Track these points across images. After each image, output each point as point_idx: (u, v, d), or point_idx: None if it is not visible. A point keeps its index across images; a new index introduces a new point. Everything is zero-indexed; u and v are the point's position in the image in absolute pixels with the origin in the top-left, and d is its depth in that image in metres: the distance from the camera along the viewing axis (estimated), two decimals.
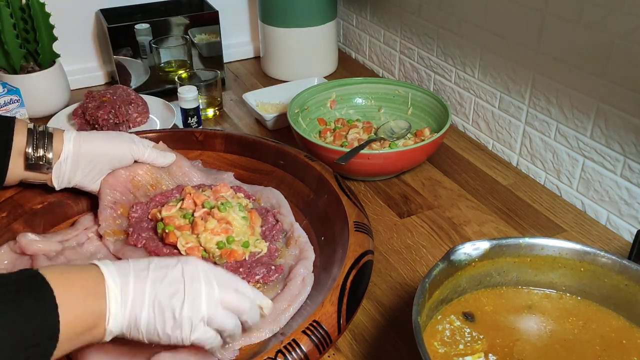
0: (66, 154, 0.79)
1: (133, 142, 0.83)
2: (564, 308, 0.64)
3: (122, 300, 0.54)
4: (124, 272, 0.55)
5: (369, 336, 0.72)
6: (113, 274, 0.54)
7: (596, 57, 0.84)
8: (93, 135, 0.82)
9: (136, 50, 1.25)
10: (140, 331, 0.55)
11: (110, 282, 0.54)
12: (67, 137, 0.79)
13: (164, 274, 0.56)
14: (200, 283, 0.57)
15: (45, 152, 0.77)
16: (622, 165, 0.85)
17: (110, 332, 0.54)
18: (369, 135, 1.06)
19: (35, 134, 0.77)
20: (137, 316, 0.54)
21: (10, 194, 0.82)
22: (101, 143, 0.81)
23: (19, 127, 0.77)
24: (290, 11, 1.28)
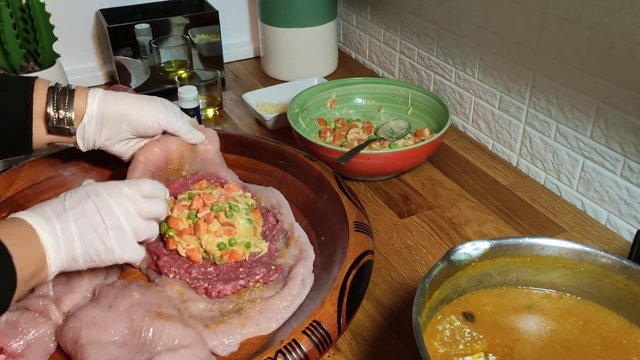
0: (90, 115, 0.74)
1: (164, 108, 0.79)
2: (564, 308, 0.64)
3: (55, 243, 0.60)
4: (47, 217, 0.60)
5: (369, 336, 0.72)
6: (40, 222, 0.59)
7: (596, 57, 0.84)
8: (120, 96, 0.76)
9: (136, 50, 1.25)
10: (79, 264, 0.62)
11: (40, 231, 0.59)
12: (91, 97, 0.75)
13: (81, 210, 0.62)
14: (112, 208, 0.63)
15: (66, 112, 0.73)
16: (622, 165, 0.85)
17: (53, 273, 0.60)
18: (369, 135, 1.06)
19: (56, 93, 0.73)
20: (73, 254, 0.61)
21: (10, 193, 0.83)
22: (127, 106, 0.76)
23: (39, 86, 0.73)
24: (290, 11, 1.28)
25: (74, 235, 0.61)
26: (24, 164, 0.85)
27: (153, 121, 0.78)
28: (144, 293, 0.69)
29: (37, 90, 0.73)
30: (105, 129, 0.76)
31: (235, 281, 0.73)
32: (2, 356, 0.63)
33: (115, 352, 0.62)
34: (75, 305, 0.69)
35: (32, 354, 0.64)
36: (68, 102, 0.73)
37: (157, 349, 0.63)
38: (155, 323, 0.64)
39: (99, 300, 0.68)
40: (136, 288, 0.70)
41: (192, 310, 0.70)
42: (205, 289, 0.72)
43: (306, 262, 0.76)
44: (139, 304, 0.67)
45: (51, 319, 0.67)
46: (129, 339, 0.64)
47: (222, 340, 0.66)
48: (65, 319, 0.67)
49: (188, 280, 0.74)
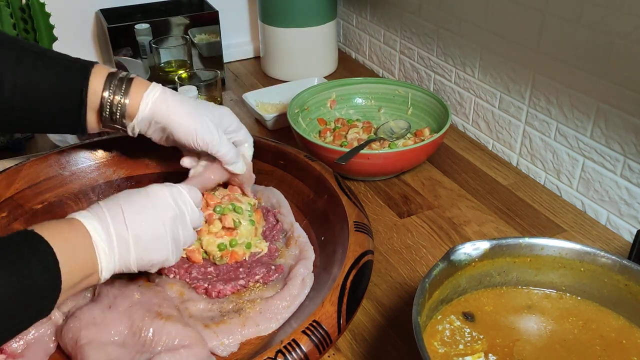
0: (140, 117, 0.71)
1: (207, 129, 0.72)
2: (564, 308, 0.64)
3: (110, 250, 0.59)
4: (104, 223, 0.59)
5: (369, 336, 0.72)
6: (96, 227, 0.58)
7: (596, 57, 0.84)
8: (176, 102, 0.71)
9: (136, 50, 1.24)
10: (130, 269, 0.62)
11: (95, 237, 0.58)
12: (145, 99, 0.70)
13: (140, 218, 0.61)
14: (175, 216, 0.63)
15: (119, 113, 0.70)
16: (622, 165, 0.85)
17: (104, 279, 0.60)
18: (369, 135, 1.06)
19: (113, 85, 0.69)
20: (126, 261, 0.60)
21: (10, 193, 0.82)
22: (175, 116, 0.71)
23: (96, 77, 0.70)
24: (290, 11, 1.28)
25: (131, 243, 0.60)
26: (24, 164, 0.85)
27: (192, 142, 0.72)
28: (144, 293, 0.69)
29: (93, 81, 0.69)
30: (155, 133, 0.74)
31: (235, 281, 0.73)
32: (2, 356, 0.63)
33: (115, 352, 0.62)
34: (75, 305, 0.69)
35: (32, 354, 0.64)
36: (122, 100, 0.70)
37: (157, 349, 0.63)
38: (155, 323, 0.64)
39: (99, 300, 0.68)
40: (136, 288, 0.70)
41: (192, 310, 0.70)
42: (205, 289, 0.72)
43: (306, 262, 0.76)
44: (139, 304, 0.67)
45: (51, 319, 0.67)
46: (129, 339, 0.64)
47: (222, 340, 0.66)
48: (65, 319, 0.67)
49: (188, 280, 0.74)
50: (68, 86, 0.69)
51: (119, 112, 0.70)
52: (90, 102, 0.70)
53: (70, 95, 0.69)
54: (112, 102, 0.70)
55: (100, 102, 0.70)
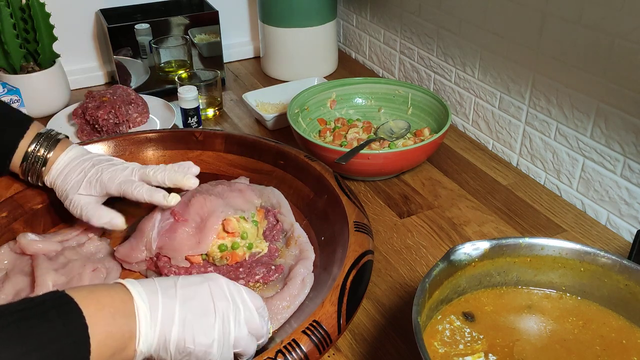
0: (56, 169, 0.78)
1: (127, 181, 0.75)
2: (564, 308, 0.64)
3: (152, 319, 0.52)
4: (152, 290, 0.53)
5: (369, 336, 0.72)
6: (141, 292, 0.53)
7: (596, 57, 0.84)
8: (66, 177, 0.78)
9: (136, 50, 1.25)
10: (168, 351, 0.53)
11: (139, 301, 0.52)
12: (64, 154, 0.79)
13: (192, 292, 0.55)
14: (228, 303, 0.56)
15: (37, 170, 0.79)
16: (622, 165, 0.85)
17: (141, 353, 0.52)
18: (369, 135, 1.06)
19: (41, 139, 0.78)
20: (167, 336, 0.53)
21: (10, 193, 0.82)
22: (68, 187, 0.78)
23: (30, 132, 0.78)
24: (290, 11, 1.28)
25: (176, 316, 0.53)
26: None
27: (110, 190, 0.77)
28: None
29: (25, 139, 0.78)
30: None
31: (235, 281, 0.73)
32: None
33: None
34: None
35: None
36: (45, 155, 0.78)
37: None
38: None
39: None
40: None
41: None
42: None
43: (306, 262, 0.76)
44: None
45: None
46: None
47: None
48: None
49: None
50: (2, 138, 0.77)
51: (39, 163, 0.78)
52: (17, 153, 0.78)
53: (2, 146, 0.78)
54: (36, 156, 0.78)
55: (24, 153, 0.77)
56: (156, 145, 0.93)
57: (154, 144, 0.93)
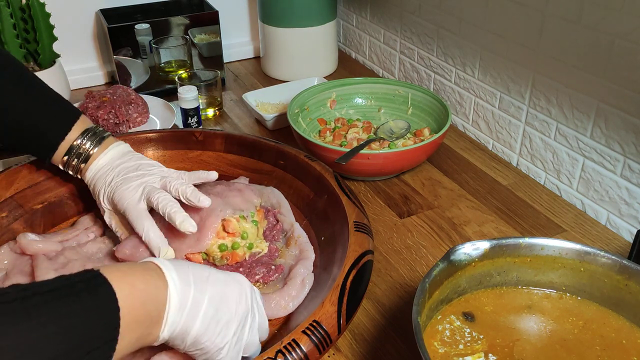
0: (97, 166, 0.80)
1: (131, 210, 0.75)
2: (564, 308, 0.64)
3: (180, 310, 0.53)
4: (186, 281, 0.54)
5: (369, 336, 0.72)
6: (175, 281, 0.53)
7: (596, 57, 0.84)
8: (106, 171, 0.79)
9: (136, 50, 1.25)
10: (184, 342, 0.54)
11: (172, 291, 0.52)
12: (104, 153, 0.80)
13: (220, 292, 0.56)
14: (248, 309, 0.58)
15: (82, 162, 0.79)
16: (622, 165, 0.85)
17: (162, 339, 0.53)
18: (369, 135, 1.06)
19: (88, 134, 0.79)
20: (188, 329, 0.53)
21: (10, 193, 0.82)
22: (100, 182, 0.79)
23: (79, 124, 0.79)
24: (290, 11, 1.28)
25: (201, 312, 0.54)
26: (24, 164, 0.85)
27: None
28: None
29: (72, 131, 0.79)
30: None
31: None
32: None
33: None
34: None
35: None
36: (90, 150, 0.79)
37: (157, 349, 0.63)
38: None
39: None
40: None
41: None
42: None
43: (306, 262, 0.76)
44: None
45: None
46: None
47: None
48: None
49: None
50: (53, 128, 0.78)
51: (82, 157, 0.79)
52: (63, 144, 0.79)
53: (51, 135, 0.78)
54: (81, 149, 0.79)
55: (71, 146, 0.78)
56: (156, 145, 0.93)
57: (154, 144, 0.93)
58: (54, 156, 0.79)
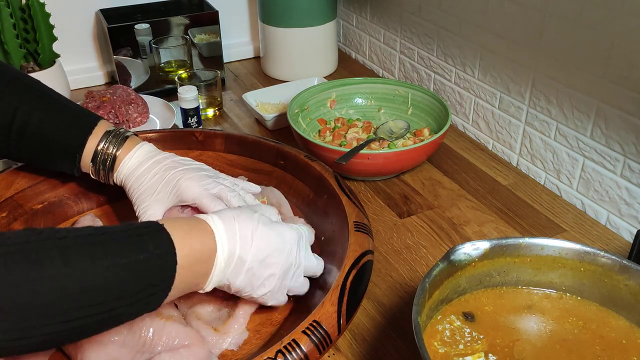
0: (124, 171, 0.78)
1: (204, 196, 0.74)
2: (564, 308, 0.64)
3: (224, 270, 0.60)
4: (232, 241, 0.60)
5: (369, 336, 0.72)
6: (224, 245, 0.60)
7: (596, 57, 0.84)
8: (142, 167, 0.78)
9: (136, 50, 1.25)
10: (229, 289, 0.63)
11: (220, 255, 0.59)
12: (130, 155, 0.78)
13: (265, 249, 0.62)
14: (292, 261, 0.65)
15: (107, 168, 0.78)
16: (622, 165, 0.85)
17: (208, 289, 0.61)
18: (368, 135, 1.06)
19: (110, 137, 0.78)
20: (232, 282, 0.62)
21: (10, 193, 0.82)
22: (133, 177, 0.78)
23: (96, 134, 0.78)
24: (290, 11, 1.28)
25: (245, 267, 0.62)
26: (23, 164, 0.85)
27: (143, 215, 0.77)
28: None
29: (92, 137, 0.78)
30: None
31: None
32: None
33: (115, 352, 0.62)
34: None
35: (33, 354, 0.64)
36: (114, 152, 0.78)
37: (157, 349, 0.63)
38: (155, 323, 0.64)
39: None
40: None
41: (201, 313, 0.70)
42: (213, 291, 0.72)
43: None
44: None
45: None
46: (129, 338, 0.64)
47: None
48: None
49: None
50: (70, 137, 0.77)
51: (108, 162, 0.78)
52: (86, 153, 0.77)
53: (70, 145, 0.77)
54: (105, 154, 0.77)
55: (94, 152, 0.77)
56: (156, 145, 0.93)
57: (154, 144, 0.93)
58: (82, 166, 0.79)
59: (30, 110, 0.75)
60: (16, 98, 0.75)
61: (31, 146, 0.76)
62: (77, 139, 0.77)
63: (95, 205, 0.90)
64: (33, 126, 0.75)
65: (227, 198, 0.74)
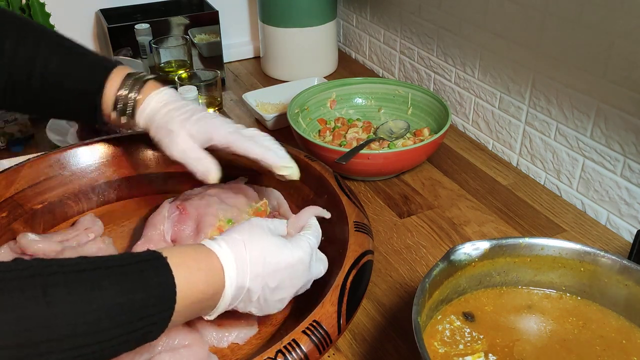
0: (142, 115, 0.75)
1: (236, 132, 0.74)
2: (564, 308, 0.64)
3: (231, 303, 0.57)
4: (242, 280, 0.57)
5: (369, 336, 0.72)
6: (232, 281, 0.56)
7: (596, 57, 0.84)
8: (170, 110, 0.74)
9: (136, 50, 1.24)
10: (239, 309, 0.60)
11: (228, 291, 0.56)
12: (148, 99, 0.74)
13: (277, 276, 0.59)
14: (304, 281, 0.62)
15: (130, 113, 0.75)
16: (622, 165, 0.85)
17: (211, 319, 0.59)
18: (368, 135, 1.06)
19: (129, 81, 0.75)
20: (241, 307, 0.59)
21: (10, 193, 0.82)
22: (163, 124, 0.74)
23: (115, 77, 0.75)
24: (290, 11, 1.28)
25: (254, 294, 0.58)
26: (24, 164, 0.85)
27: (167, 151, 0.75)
28: None
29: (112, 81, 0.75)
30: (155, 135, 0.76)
31: None
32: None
33: None
34: None
35: None
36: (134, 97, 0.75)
37: (157, 349, 0.63)
38: None
39: None
40: None
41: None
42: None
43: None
44: None
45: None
46: None
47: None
48: None
49: None
50: (89, 83, 0.74)
51: (129, 106, 0.74)
52: (106, 99, 0.74)
53: (89, 91, 0.74)
54: (126, 98, 0.74)
55: (115, 98, 0.74)
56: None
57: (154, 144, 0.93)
58: (103, 113, 0.75)
59: (47, 59, 0.72)
60: (31, 48, 0.72)
61: (49, 96, 0.74)
62: (95, 83, 0.74)
63: (95, 205, 0.90)
64: (51, 75, 0.72)
65: (260, 138, 0.74)
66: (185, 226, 0.76)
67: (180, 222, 0.77)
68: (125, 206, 0.91)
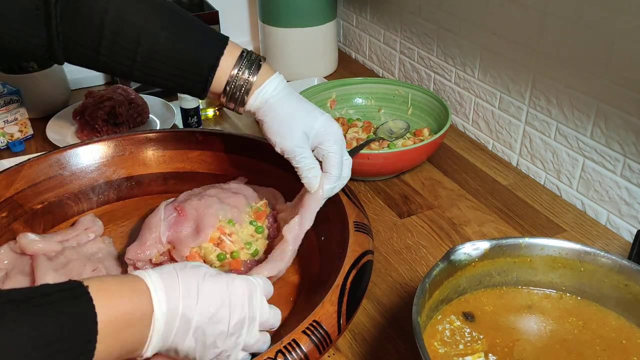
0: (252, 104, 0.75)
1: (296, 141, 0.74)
2: (564, 308, 0.64)
3: (165, 333, 0.52)
4: (174, 303, 0.52)
5: (369, 336, 0.72)
6: (162, 305, 0.52)
7: (596, 57, 0.84)
8: (287, 100, 0.75)
9: None
10: (178, 352, 0.54)
11: (158, 315, 0.52)
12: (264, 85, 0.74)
13: (212, 307, 0.54)
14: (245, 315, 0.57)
15: (241, 95, 0.74)
16: (622, 165, 0.85)
17: (148, 356, 0.53)
18: (368, 135, 1.06)
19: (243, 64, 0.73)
20: (177, 346, 0.54)
21: (10, 193, 0.82)
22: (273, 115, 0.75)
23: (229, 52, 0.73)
24: (290, 11, 1.28)
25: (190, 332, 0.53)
26: (24, 164, 0.85)
27: (277, 147, 0.75)
28: None
29: (226, 57, 0.73)
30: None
31: None
32: None
33: None
34: None
35: None
36: (249, 78, 0.73)
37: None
38: None
39: None
40: None
41: None
42: None
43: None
44: None
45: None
46: None
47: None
48: None
49: None
50: (203, 57, 0.72)
51: (243, 88, 0.73)
52: (218, 76, 0.72)
53: (202, 66, 0.72)
54: (239, 79, 0.72)
55: (228, 77, 0.72)
56: (156, 145, 0.93)
57: (154, 144, 0.93)
58: (212, 89, 0.74)
59: (157, 31, 0.70)
60: (141, 18, 0.70)
61: (157, 68, 0.72)
62: (209, 59, 0.72)
63: (95, 205, 0.90)
64: (161, 47, 0.70)
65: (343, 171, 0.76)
66: (184, 227, 0.76)
67: (178, 223, 0.77)
68: (125, 206, 0.91)
